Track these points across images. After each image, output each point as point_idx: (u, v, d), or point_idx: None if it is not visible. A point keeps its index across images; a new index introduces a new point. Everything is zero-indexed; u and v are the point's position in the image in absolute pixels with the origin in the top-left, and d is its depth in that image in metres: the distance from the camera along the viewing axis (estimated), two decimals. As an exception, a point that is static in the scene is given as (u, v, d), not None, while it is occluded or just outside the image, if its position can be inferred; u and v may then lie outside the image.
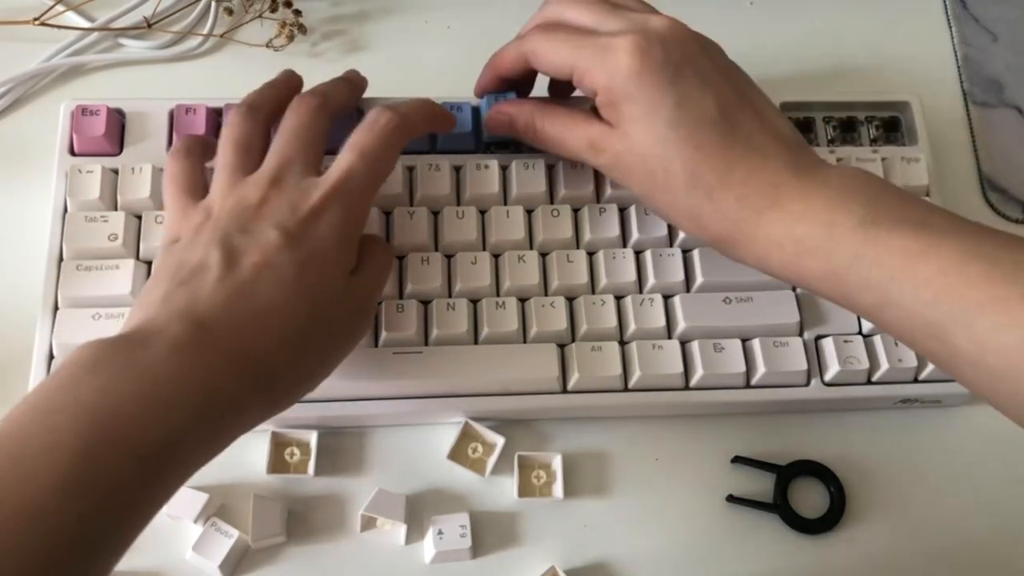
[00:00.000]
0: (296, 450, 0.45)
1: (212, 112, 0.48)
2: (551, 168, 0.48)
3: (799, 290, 0.47)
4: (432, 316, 0.45)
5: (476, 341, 0.45)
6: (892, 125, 0.52)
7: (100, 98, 0.48)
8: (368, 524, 0.44)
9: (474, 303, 0.46)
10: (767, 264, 0.39)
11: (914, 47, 0.59)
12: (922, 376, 0.46)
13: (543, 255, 0.47)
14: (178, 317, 0.34)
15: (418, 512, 0.45)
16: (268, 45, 0.55)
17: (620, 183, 0.43)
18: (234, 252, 0.36)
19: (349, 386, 0.44)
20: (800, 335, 0.47)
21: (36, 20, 0.53)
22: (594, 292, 0.47)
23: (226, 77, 0.55)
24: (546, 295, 0.46)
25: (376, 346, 0.45)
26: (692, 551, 0.45)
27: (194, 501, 0.43)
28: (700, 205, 0.39)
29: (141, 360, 0.32)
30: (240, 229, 0.37)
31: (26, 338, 0.44)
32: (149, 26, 0.55)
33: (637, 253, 0.47)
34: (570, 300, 0.46)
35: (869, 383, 0.46)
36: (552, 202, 0.48)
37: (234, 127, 0.41)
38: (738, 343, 0.46)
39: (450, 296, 0.46)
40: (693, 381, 0.45)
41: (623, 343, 0.46)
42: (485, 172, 0.48)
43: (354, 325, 0.40)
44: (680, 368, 0.45)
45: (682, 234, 0.47)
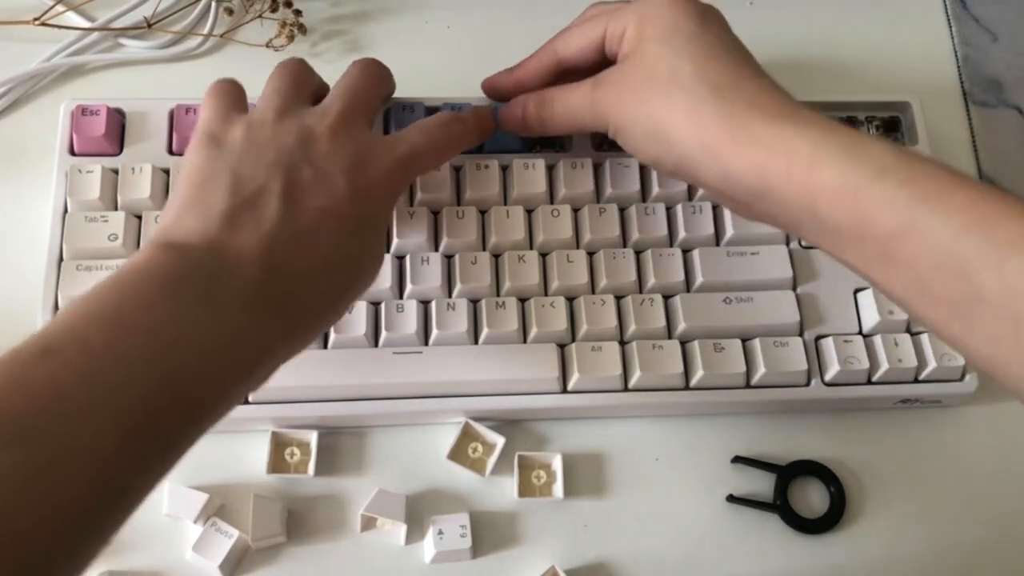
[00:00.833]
0: (296, 450, 0.45)
1: (212, 112, 0.48)
2: (551, 168, 0.48)
3: (799, 290, 0.47)
4: (432, 316, 0.45)
5: (476, 341, 0.45)
6: (892, 125, 0.52)
7: (100, 98, 0.48)
8: (368, 524, 0.44)
9: (474, 303, 0.46)
10: (767, 171, 0.35)
11: (914, 47, 0.59)
12: (922, 376, 0.46)
13: (543, 255, 0.47)
14: (246, 252, 0.34)
15: (418, 512, 0.45)
16: (268, 45, 0.55)
17: (613, 111, 0.40)
18: (299, 185, 0.36)
19: (349, 386, 0.44)
20: (800, 335, 0.47)
21: (36, 20, 0.53)
22: (594, 292, 0.47)
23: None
24: (546, 295, 0.46)
25: (376, 346, 0.45)
26: (692, 551, 0.45)
27: (194, 501, 0.43)
28: (702, 102, 0.37)
29: (214, 301, 0.32)
30: (306, 160, 0.37)
31: (26, 338, 0.44)
32: (149, 26, 0.55)
33: (637, 253, 0.47)
34: (570, 300, 0.46)
35: (869, 383, 0.46)
36: (552, 202, 0.48)
37: (286, 65, 0.42)
38: (738, 343, 0.46)
39: (450, 296, 0.46)
40: (693, 381, 0.45)
41: (623, 343, 0.46)
42: (485, 172, 0.48)
43: (372, 278, 0.40)
44: (680, 368, 0.45)
45: (682, 234, 0.47)
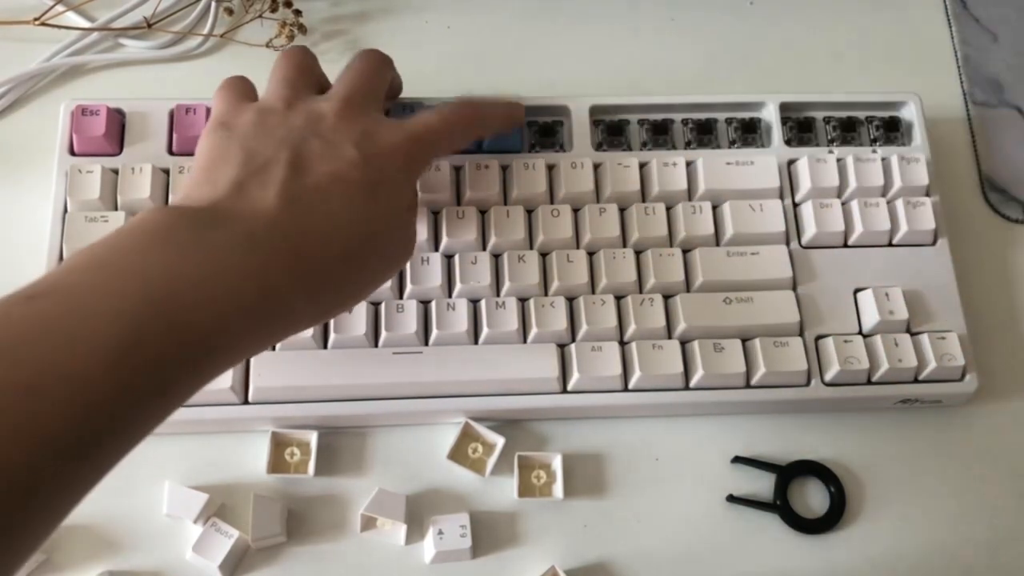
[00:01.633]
0: (296, 450, 0.45)
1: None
2: (551, 168, 0.48)
3: (799, 290, 0.47)
4: (432, 316, 0.45)
5: (476, 341, 0.45)
6: (892, 125, 0.52)
7: (100, 98, 0.48)
8: (368, 524, 0.44)
9: (474, 303, 0.46)
10: None
11: (914, 47, 0.59)
12: (922, 376, 0.46)
13: (543, 255, 0.47)
14: (250, 209, 0.34)
15: (418, 512, 0.45)
16: (268, 45, 0.55)
17: None
18: (308, 155, 0.36)
19: (349, 386, 0.44)
20: (800, 335, 0.47)
21: (36, 20, 0.53)
22: (594, 292, 0.47)
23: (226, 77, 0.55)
24: (546, 295, 0.46)
25: (376, 346, 0.45)
26: (692, 551, 0.45)
27: (194, 501, 0.43)
28: None
29: (211, 243, 0.32)
30: (314, 134, 0.37)
31: (26, 338, 0.44)
32: (149, 26, 0.55)
33: (637, 253, 0.47)
34: (570, 300, 0.46)
35: (869, 383, 0.46)
36: (552, 202, 0.48)
37: (291, 53, 0.42)
38: (738, 343, 0.46)
39: (450, 296, 0.46)
40: (693, 381, 0.45)
41: (623, 343, 0.46)
42: (485, 172, 0.48)
43: (400, 257, 0.40)
44: (680, 368, 0.45)
45: (682, 234, 0.48)
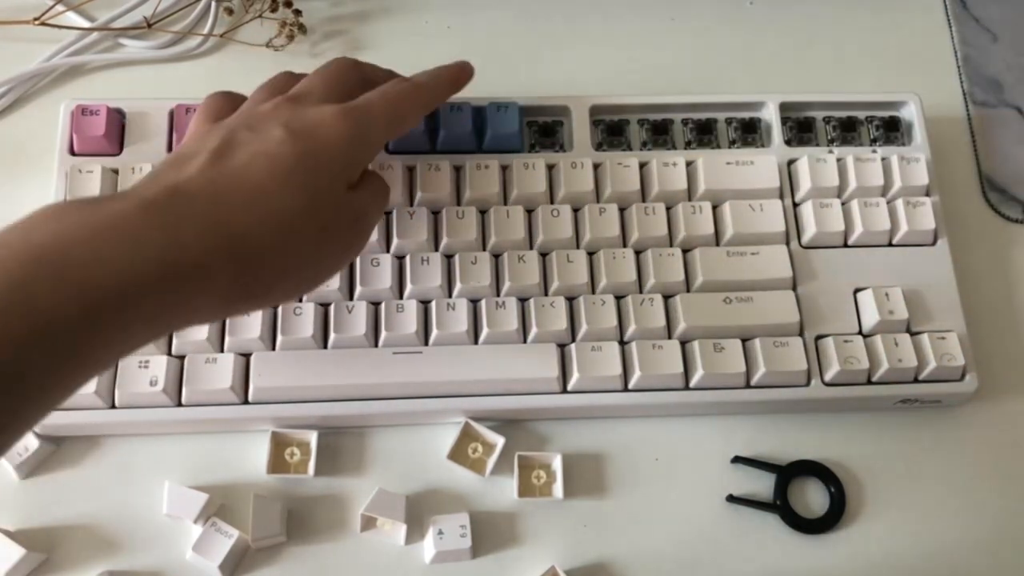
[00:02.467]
0: (296, 450, 0.45)
1: (212, 112, 0.48)
2: (551, 168, 0.48)
3: (799, 290, 0.47)
4: (432, 316, 0.45)
5: (476, 341, 0.45)
6: (892, 125, 0.52)
7: (100, 98, 0.48)
8: (368, 524, 0.44)
9: (474, 303, 0.46)
10: None
11: (914, 47, 0.59)
12: (922, 376, 0.46)
13: (543, 255, 0.47)
14: (156, 185, 0.33)
15: (418, 512, 0.45)
16: (268, 45, 0.55)
17: None
18: (233, 143, 0.36)
19: (349, 386, 0.44)
20: (800, 335, 0.47)
21: (36, 20, 0.53)
22: (594, 292, 0.47)
23: (226, 77, 0.54)
24: (546, 295, 0.46)
25: (376, 346, 0.45)
26: (692, 551, 0.45)
27: (194, 501, 0.43)
28: None
29: (106, 210, 0.31)
30: (245, 126, 0.37)
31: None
32: (149, 26, 0.55)
33: (637, 253, 0.47)
34: (570, 300, 0.46)
35: (869, 383, 0.46)
36: (552, 202, 0.48)
37: (273, 77, 0.42)
38: (738, 343, 0.46)
39: (450, 296, 0.46)
40: (693, 381, 0.45)
41: (623, 343, 0.46)
42: (485, 172, 0.48)
43: (346, 239, 0.39)
44: (680, 368, 0.45)
45: (682, 234, 0.48)
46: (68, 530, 0.44)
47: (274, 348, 0.44)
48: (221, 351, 0.44)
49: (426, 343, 0.45)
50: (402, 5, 0.58)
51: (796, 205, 0.50)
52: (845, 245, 0.49)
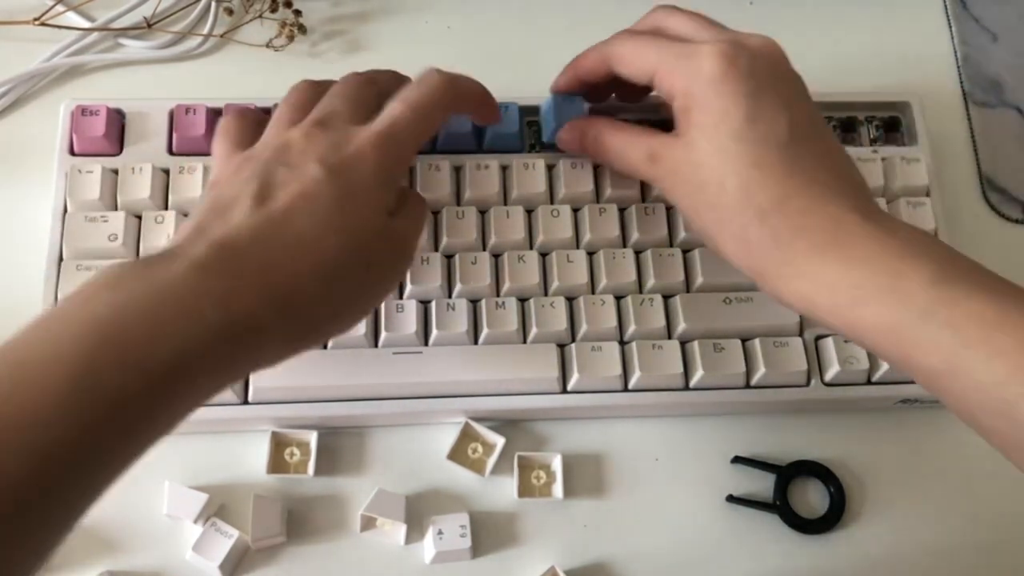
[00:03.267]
0: (296, 450, 0.45)
1: (212, 112, 0.48)
2: (551, 168, 0.48)
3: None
4: (432, 316, 0.45)
5: (476, 341, 0.45)
6: (892, 125, 0.52)
7: (100, 98, 0.48)
8: (368, 524, 0.44)
9: (474, 303, 0.46)
10: (813, 305, 0.37)
11: (914, 47, 0.59)
12: (922, 376, 0.46)
13: (543, 255, 0.47)
14: (206, 241, 0.34)
15: (418, 512, 0.45)
16: (268, 45, 0.55)
17: (670, 198, 0.41)
18: (272, 184, 0.36)
19: (349, 386, 0.44)
20: (800, 335, 0.47)
21: (36, 20, 0.53)
22: (594, 292, 0.47)
23: (226, 77, 0.55)
24: (546, 295, 0.46)
25: (376, 346, 0.45)
26: (692, 551, 0.45)
27: (194, 501, 0.43)
28: (749, 228, 0.37)
29: (160, 277, 0.32)
30: (281, 163, 0.37)
31: (26, 338, 0.44)
32: (149, 26, 0.55)
33: (637, 253, 0.47)
34: (570, 300, 0.46)
35: (869, 383, 0.46)
36: (552, 202, 0.48)
37: (293, 91, 0.42)
38: (738, 343, 0.46)
39: (450, 296, 0.46)
40: (693, 381, 0.45)
41: (623, 343, 0.46)
42: (485, 172, 0.48)
43: (391, 265, 0.39)
44: (680, 368, 0.45)
45: (682, 234, 0.47)
46: (68, 530, 0.44)
47: (274, 348, 0.44)
48: (221, 351, 0.44)
49: (426, 343, 0.45)
50: (402, 5, 0.58)
51: (796, 205, 0.49)
52: (845, 245, 0.49)
